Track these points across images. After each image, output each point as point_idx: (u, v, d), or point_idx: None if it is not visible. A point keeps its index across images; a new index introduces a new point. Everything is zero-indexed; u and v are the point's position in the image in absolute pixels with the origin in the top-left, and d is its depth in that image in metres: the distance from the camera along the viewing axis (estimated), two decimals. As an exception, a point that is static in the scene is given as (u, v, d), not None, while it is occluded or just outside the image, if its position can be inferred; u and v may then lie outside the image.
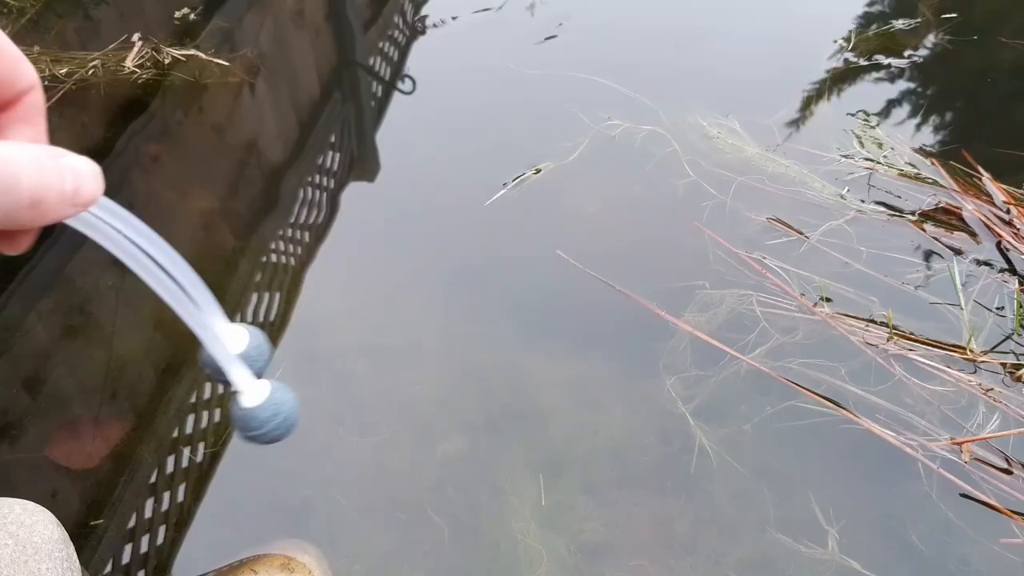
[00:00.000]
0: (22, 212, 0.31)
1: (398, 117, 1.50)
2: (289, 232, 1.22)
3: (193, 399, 0.93)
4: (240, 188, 1.30)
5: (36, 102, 0.38)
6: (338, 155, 1.39)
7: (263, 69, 1.66)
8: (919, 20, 1.82)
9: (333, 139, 1.44)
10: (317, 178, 1.35)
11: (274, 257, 1.16)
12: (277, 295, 1.09)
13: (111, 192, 0.28)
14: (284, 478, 0.84)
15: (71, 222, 0.40)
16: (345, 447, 0.89)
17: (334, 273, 1.15)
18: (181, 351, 0.98)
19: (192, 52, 1.65)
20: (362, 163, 1.42)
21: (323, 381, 0.96)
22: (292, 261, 1.17)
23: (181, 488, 0.84)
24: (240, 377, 0.52)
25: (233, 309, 1.04)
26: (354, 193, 1.32)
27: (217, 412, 0.93)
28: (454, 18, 1.83)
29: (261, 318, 1.05)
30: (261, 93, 1.59)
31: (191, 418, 0.91)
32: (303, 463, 0.85)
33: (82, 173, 0.35)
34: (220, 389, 0.93)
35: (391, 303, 1.08)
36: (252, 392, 0.53)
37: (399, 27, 1.83)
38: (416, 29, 1.82)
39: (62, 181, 0.34)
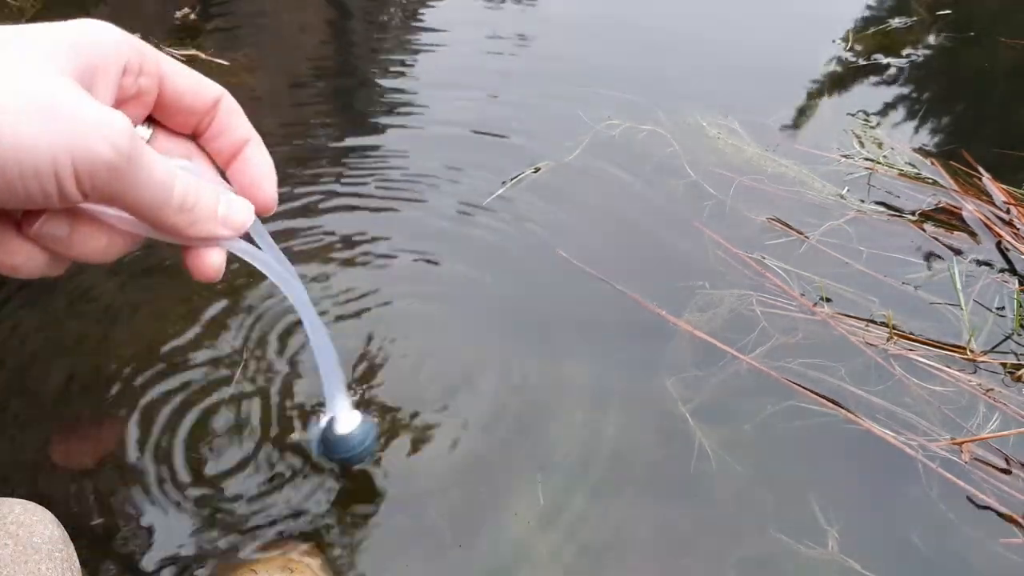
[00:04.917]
0: (171, 212, 0.36)
1: (397, 115, 1.50)
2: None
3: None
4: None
5: (229, 107, 0.44)
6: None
7: (262, 69, 1.66)
8: (915, 18, 1.83)
9: (332, 136, 1.44)
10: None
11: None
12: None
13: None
14: (284, 479, 0.84)
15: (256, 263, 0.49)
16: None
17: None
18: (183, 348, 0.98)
19: (192, 52, 1.65)
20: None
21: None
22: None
23: (181, 488, 0.84)
24: (341, 406, 0.64)
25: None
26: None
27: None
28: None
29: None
30: (261, 92, 1.59)
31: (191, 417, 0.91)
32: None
33: (235, 203, 0.42)
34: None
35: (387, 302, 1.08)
36: (347, 421, 0.65)
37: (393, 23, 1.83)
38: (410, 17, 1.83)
39: (215, 201, 0.40)
